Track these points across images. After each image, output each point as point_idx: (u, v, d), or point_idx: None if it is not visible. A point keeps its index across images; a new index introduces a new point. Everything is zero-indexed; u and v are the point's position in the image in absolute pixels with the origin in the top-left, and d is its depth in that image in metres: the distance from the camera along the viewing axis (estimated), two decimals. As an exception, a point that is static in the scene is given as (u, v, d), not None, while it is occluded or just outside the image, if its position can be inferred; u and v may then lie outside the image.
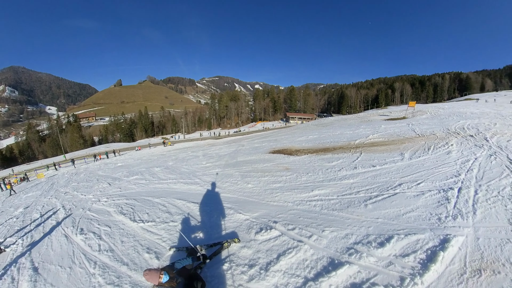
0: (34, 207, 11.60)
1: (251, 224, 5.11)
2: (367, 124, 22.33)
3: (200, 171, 12.11)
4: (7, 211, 12.75)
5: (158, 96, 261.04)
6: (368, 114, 37.39)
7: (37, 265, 5.47)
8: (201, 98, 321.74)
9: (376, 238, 3.94)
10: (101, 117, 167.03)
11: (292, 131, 28.38)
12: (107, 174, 17.29)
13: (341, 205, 5.56)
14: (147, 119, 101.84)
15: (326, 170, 8.67)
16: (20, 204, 13.64)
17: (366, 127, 19.71)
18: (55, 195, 13.14)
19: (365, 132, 16.53)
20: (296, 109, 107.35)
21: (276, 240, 4.35)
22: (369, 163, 8.82)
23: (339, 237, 4.16)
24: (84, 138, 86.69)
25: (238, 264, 3.85)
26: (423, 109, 30.32)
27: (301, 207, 5.79)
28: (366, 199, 5.64)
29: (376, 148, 11.51)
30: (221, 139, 49.39)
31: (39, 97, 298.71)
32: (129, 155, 37.03)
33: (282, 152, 13.76)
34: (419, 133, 13.83)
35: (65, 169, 32.39)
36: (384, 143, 12.51)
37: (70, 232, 6.92)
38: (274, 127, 78.41)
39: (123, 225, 6.52)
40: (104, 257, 5.05)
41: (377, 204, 5.27)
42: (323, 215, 5.19)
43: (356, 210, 5.16)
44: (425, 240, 3.74)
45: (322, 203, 5.85)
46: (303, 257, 3.77)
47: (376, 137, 14.37)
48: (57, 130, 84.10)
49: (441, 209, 4.69)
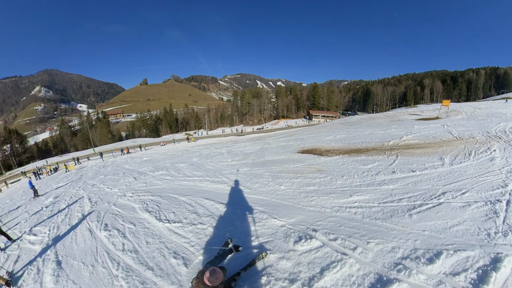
0: (62, 197, 12.04)
1: (288, 232, 4.63)
2: (398, 123, 20.99)
3: (226, 169, 11.80)
4: (38, 199, 13.43)
5: (182, 94, 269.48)
6: (397, 113, 35.37)
7: (60, 259, 5.44)
8: (224, 96, 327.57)
9: (425, 253, 3.53)
10: (128, 114, 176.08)
11: (318, 130, 27.47)
12: (133, 168, 17.66)
13: (384, 214, 5.01)
14: (171, 116, 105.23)
15: (362, 174, 8.00)
16: (50, 193, 14.30)
17: (397, 127, 18.50)
18: (83, 187, 13.57)
19: (397, 133, 15.47)
20: (319, 107, 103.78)
21: (318, 251, 3.89)
22: (408, 167, 8.07)
23: (385, 250, 3.70)
24: (112, 133, 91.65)
25: (277, 278, 3.43)
26: (457, 108, 28.13)
27: (340, 214, 5.25)
28: (410, 208, 5.09)
29: (413, 151, 10.61)
30: (244, 136, 49.32)
31: (71, 95, 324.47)
32: (155, 150, 38.19)
33: (312, 152, 13.13)
34: (456, 135, 12.69)
35: (93, 161, 34.03)
36: (420, 145, 11.55)
37: (94, 227, 6.87)
38: (297, 124, 77.06)
39: (148, 223, 6.28)
40: (128, 258, 4.80)
41: (422, 215, 4.76)
42: (365, 224, 4.67)
43: (401, 220, 4.65)
44: (475, 257, 3.34)
45: (363, 210, 5.29)
46: (348, 273, 3.35)
47: (410, 138, 13.33)
48: (87, 125, 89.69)
49: (489, 224, 4.20)
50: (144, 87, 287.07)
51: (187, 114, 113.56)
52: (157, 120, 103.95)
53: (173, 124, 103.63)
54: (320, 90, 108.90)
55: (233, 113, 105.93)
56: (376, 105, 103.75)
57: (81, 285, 4.31)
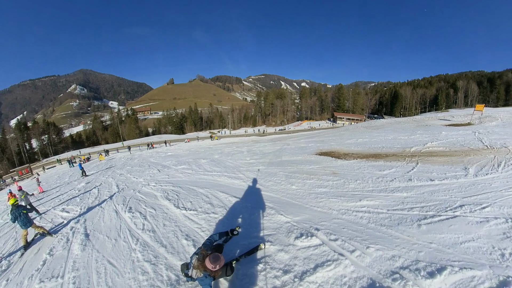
0: (93, 183, 13.41)
1: (292, 228, 4.88)
2: (425, 129, 19.89)
3: (244, 167, 12.22)
4: (72, 183, 14.97)
5: (207, 94, 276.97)
6: (425, 118, 33.53)
7: (88, 232, 6.34)
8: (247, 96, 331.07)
9: (426, 266, 3.40)
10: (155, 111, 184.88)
11: (340, 133, 26.90)
12: (158, 161, 18.79)
13: (391, 221, 4.95)
14: (196, 115, 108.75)
15: (377, 179, 7.87)
16: (83, 179, 15.88)
17: (423, 132, 17.58)
18: (112, 175, 14.86)
19: (422, 139, 14.74)
20: (344, 109, 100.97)
21: (316, 249, 4.05)
22: (427, 176, 7.75)
23: (384, 257, 3.68)
24: (140, 129, 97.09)
25: (272, 267, 3.69)
26: (492, 114, 26.06)
27: (346, 217, 5.32)
28: (420, 218, 4.93)
29: (435, 158, 10.11)
30: (266, 136, 49.64)
31: (103, 93, 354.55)
32: (179, 146, 39.86)
33: (330, 155, 13.07)
34: (487, 144, 11.80)
35: (122, 154, 36.28)
36: (445, 153, 10.97)
37: (120, 209, 7.76)
38: (320, 127, 75.90)
39: (167, 209, 6.98)
40: (146, 236, 5.49)
41: (432, 226, 4.56)
42: (369, 229, 4.68)
43: (408, 229, 4.53)
44: (482, 278, 3.12)
45: (369, 215, 5.29)
46: (341, 273, 3.44)
47: (435, 145, 12.66)
48: (118, 121, 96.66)
49: (506, 243, 3.87)
50: (171, 87, 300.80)
51: (212, 113, 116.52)
52: (183, 118, 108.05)
53: (198, 123, 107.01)
54: (345, 91, 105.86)
55: (256, 114, 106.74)
56: (404, 109, 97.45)
57: (104, 254, 5.05)
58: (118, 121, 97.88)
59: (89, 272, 4.53)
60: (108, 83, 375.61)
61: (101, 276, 4.32)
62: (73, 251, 5.44)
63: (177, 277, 3.91)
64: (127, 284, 3.97)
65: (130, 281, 4.02)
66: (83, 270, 4.64)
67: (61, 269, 4.85)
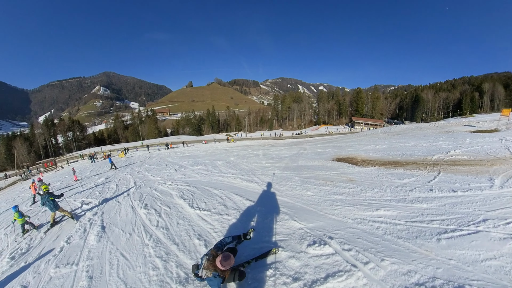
0: (112, 179, 14.01)
1: (305, 235, 4.80)
2: (448, 136, 18.97)
3: (259, 170, 12.24)
4: (92, 178, 15.70)
5: (224, 97, 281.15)
6: (448, 123, 32.08)
7: (105, 225, 6.68)
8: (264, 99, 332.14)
9: (444, 284, 3.20)
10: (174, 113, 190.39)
11: (358, 138, 26.25)
12: (175, 161, 19.29)
13: (409, 233, 4.72)
14: (214, 117, 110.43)
15: (396, 188, 7.57)
16: (103, 174, 16.63)
17: (446, 139, 16.78)
18: (130, 173, 15.41)
19: (445, 146, 14.06)
20: (362, 114, 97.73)
21: (328, 258, 3.95)
22: (449, 186, 7.33)
23: (400, 272, 3.50)
24: (159, 129, 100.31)
25: (282, 274, 3.65)
26: None
27: (361, 227, 5.15)
28: (441, 232, 4.65)
29: (459, 168, 9.55)
30: (282, 140, 49.41)
31: (125, 94, 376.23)
32: (196, 147, 40.59)
33: (347, 161, 12.78)
34: None
35: (141, 152, 37.46)
36: (469, 162, 10.35)
37: (136, 205, 8.06)
38: (338, 131, 74.10)
39: (182, 208, 7.16)
40: (160, 233, 5.67)
41: (453, 241, 4.29)
42: (385, 241, 4.49)
43: (426, 243, 4.29)
44: None
45: (386, 226, 5.08)
46: (353, 285, 3.31)
47: (459, 153, 12.00)
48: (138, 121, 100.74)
49: None
50: (189, 89, 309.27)
51: (229, 116, 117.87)
52: (200, 120, 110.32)
53: (215, 125, 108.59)
54: (364, 95, 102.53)
55: (273, 117, 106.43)
56: (426, 114, 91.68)
57: (118, 246, 5.29)
58: (138, 121, 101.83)
59: (103, 263, 4.74)
60: (130, 85, 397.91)
61: (114, 267, 4.51)
62: (89, 241, 5.73)
63: (186, 275, 3.97)
64: (137, 277, 4.10)
65: (141, 275, 4.15)
66: (97, 260, 4.87)
67: (77, 257, 5.13)
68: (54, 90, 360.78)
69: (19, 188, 21.92)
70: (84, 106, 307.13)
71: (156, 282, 3.89)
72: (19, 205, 8.85)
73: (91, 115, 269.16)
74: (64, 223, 7.37)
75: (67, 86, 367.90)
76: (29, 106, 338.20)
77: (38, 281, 4.53)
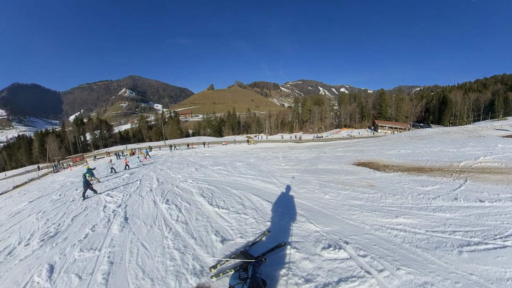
0: (136, 175, 14.89)
1: (320, 238, 4.82)
2: (478, 141, 17.70)
3: (278, 172, 12.33)
4: (118, 173, 16.74)
5: (245, 99, 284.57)
6: (479, 127, 29.97)
7: (128, 216, 7.17)
8: (285, 102, 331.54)
9: None
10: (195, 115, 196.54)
11: (381, 142, 25.34)
12: (196, 161, 19.95)
13: (428, 243, 4.50)
14: (234, 119, 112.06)
15: (418, 195, 7.27)
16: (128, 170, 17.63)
17: (475, 145, 15.61)
18: (153, 170, 16.24)
19: (474, 152, 13.08)
20: (386, 117, 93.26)
21: (342, 262, 3.94)
22: (476, 195, 6.85)
23: (415, 283, 3.35)
24: (181, 130, 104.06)
25: (295, 274, 3.71)
26: None
27: (379, 233, 5.05)
28: (463, 244, 4.36)
29: (488, 176, 8.87)
30: (302, 143, 48.96)
31: (149, 97, 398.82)
32: (216, 148, 41.54)
33: (368, 166, 12.43)
34: None
35: (163, 151, 38.97)
36: (499, 170, 9.55)
37: (158, 200, 8.58)
38: (360, 135, 71.51)
39: (201, 205, 7.51)
40: (179, 227, 6.00)
41: (476, 255, 4.00)
42: (403, 249, 4.34)
43: (446, 255, 4.05)
44: None
45: (405, 234, 4.91)
46: None
47: (488, 160, 11.08)
48: (161, 122, 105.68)
49: None
50: (211, 92, 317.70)
51: (249, 118, 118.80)
52: (221, 122, 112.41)
53: (235, 127, 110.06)
54: (388, 97, 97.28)
55: (294, 120, 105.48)
56: (454, 117, 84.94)
57: (139, 237, 5.66)
58: (162, 122, 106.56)
59: (123, 250, 5.12)
60: (154, 87, 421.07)
61: (133, 256, 4.85)
62: (112, 230, 6.21)
63: (201, 268, 4.17)
64: (155, 266, 4.38)
65: (158, 264, 4.43)
66: (118, 248, 5.27)
67: (100, 243, 5.58)
68: (83, 92, 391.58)
69: (50, 179, 23.92)
70: (111, 107, 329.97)
71: (172, 272, 4.12)
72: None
73: (118, 115, 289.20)
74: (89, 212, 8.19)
75: (95, 89, 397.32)
76: (61, 106, 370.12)
77: (64, 262, 5.01)
